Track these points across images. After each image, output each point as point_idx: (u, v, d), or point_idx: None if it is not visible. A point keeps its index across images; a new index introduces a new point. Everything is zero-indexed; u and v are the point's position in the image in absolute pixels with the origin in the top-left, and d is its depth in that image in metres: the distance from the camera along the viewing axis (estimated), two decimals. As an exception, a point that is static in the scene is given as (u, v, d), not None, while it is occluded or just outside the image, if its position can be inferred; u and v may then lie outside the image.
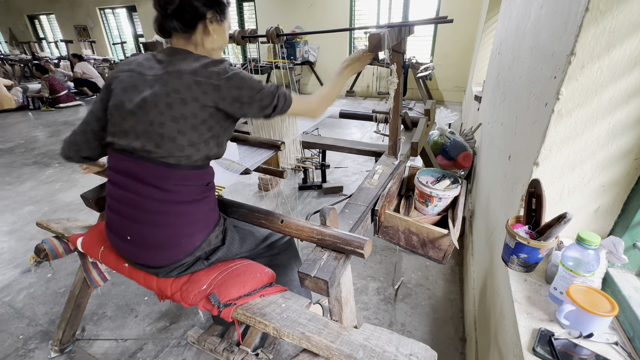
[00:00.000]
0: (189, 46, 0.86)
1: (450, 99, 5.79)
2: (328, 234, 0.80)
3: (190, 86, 0.78)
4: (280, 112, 0.87)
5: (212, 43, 0.89)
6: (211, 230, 0.87)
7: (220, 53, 0.95)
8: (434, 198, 1.05)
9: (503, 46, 1.88)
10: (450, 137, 2.13)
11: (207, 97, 0.79)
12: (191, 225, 0.84)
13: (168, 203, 0.82)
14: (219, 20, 0.87)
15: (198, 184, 0.84)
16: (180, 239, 0.83)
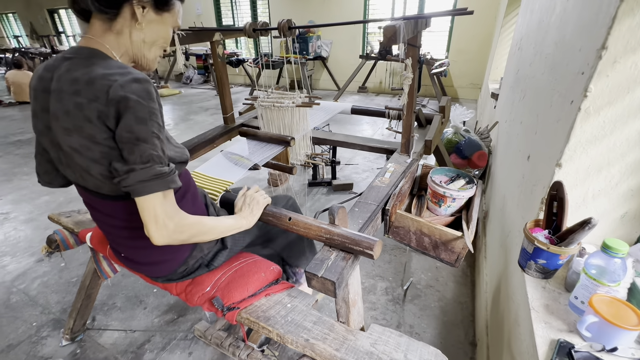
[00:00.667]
0: (107, 37, 0.68)
1: (465, 96, 5.66)
2: (336, 233, 0.77)
3: (69, 112, 0.62)
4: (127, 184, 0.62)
5: (142, 34, 0.71)
6: None
7: (155, 55, 0.76)
8: (447, 198, 1.01)
9: (524, 41, 1.80)
10: (464, 136, 2.07)
11: (93, 127, 0.60)
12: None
13: (134, 229, 0.75)
14: (157, 8, 0.71)
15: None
16: (166, 256, 0.81)
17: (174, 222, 0.66)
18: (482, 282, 1.47)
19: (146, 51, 0.75)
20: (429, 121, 1.46)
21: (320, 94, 6.26)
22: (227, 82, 1.59)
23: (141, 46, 0.73)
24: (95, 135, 0.62)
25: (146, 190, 0.62)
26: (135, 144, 0.61)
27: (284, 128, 1.25)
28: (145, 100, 0.62)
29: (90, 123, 0.61)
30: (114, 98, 0.60)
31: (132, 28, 0.70)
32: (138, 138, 0.61)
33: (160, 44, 0.76)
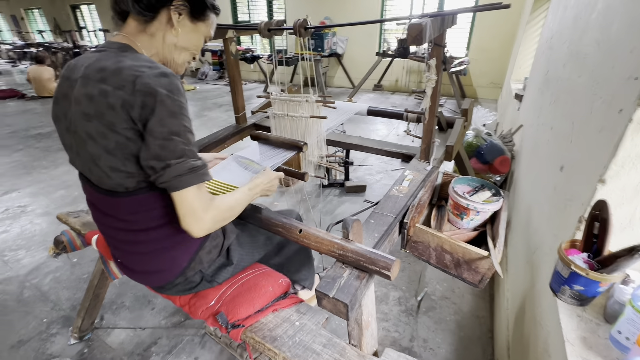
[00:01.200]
0: (140, 37, 0.71)
1: (485, 96, 5.46)
2: (350, 249, 0.71)
3: (93, 97, 0.62)
4: (164, 180, 0.63)
5: (175, 39, 0.74)
6: (197, 248, 0.78)
7: (184, 60, 0.79)
8: (470, 211, 0.94)
9: (555, 40, 1.68)
10: (486, 139, 1.97)
11: (115, 115, 0.61)
12: (166, 251, 0.76)
13: (131, 232, 0.74)
14: (192, 17, 0.74)
15: (160, 206, 0.71)
16: (162, 265, 0.77)
17: (210, 214, 0.68)
18: (503, 298, 1.39)
19: (176, 55, 0.77)
20: (450, 125, 1.37)
21: (334, 92, 6.18)
22: (240, 81, 1.54)
23: (172, 50, 0.76)
24: (115, 123, 0.62)
25: (182, 184, 0.63)
26: (169, 138, 0.62)
27: (297, 130, 1.20)
28: (174, 94, 0.63)
29: (113, 110, 0.62)
30: (141, 89, 0.60)
31: (167, 32, 0.74)
32: (171, 132, 0.62)
33: (191, 50, 0.79)
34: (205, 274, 0.81)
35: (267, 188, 0.86)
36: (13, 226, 2.22)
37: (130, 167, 0.65)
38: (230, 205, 0.73)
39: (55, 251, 1.10)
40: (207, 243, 0.79)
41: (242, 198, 0.77)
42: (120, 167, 0.65)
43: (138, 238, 0.73)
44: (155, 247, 0.74)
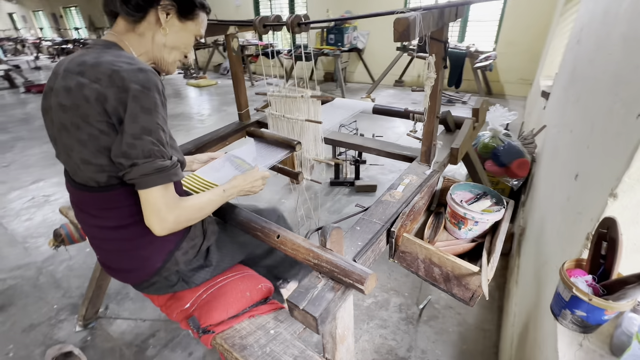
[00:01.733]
0: (129, 36, 0.72)
1: (513, 92, 5.17)
2: (325, 259, 0.67)
3: (70, 90, 0.63)
4: (130, 177, 0.63)
5: (164, 39, 0.74)
6: (173, 248, 0.77)
7: (174, 59, 0.79)
8: (468, 221, 0.87)
9: (584, 33, 1.53)
10: (504, 140, 1.84)
11: (89, 107, 0.61)
12: (139, 249, 0.75)
13: (104, 229, 0.74)
14: (180, 16, 0.74)
15: (130, 204, 0.70)
16: (136, 263, 0.77)
17: (174, 215, 0.67)
18: (511, 312, 1.29)
19: (166, 54, 0.78)
20: (460, 125, 1.28)
21: (353, 87, 6.07)
22: (242, 77, 1.52)
23: (161, 49, 0.76)
24: (89, 115, 0.63)
25: (148, 183, 0.64)
26: (139, 137, 0.62)
27: (292, 130, 1.16)
28: (150, 90, 0.62)
29: (87, 103, 0.62)
30: (116, 83, 0.61)
31: (156, 32, 0.74)
32: (143, 129, 0.62)
33: (181, 49, 0.80)
34: (183, 274, 0.80)
35: (247, 189, 0.85)
36: (36, 214, 2.35)
37: (102, 160, 0.65)
38: (199, 207, 0.72)
39: (55, 243, 1.14)
40: (183, 244, 0.78)
41: (214, 199, 0.76)
42: (92, 159, 0.65)
43: (111, 235, 0.73)
44: (128, 246, 0.74)
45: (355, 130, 2.78)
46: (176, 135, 4.13)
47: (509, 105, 4.68)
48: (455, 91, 5.20)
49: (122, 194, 0.69)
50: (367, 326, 1.43)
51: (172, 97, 5.72)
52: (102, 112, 0.62)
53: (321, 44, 5.91)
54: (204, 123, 4.36)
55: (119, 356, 1.34)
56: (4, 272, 1.82)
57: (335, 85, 6.09)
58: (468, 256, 0.88)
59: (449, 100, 4.81)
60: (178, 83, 6.91)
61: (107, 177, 0.67)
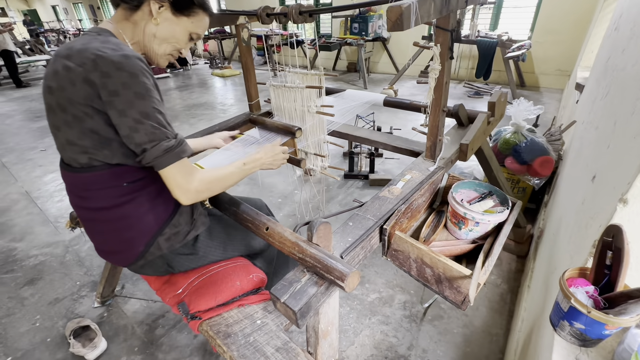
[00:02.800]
0: (124, 24, 0.75)
1: (549, 84, 4.83)
2: (309, 253, 0.67)
3: (57, 72, 0.65)
4: (146, 162, 0.67)
5: (155, 29, 0.75)
6: (155, 233, 0.79)
7: (164, 52, 0.80)
8: (468, 221, 0.82)
9: (623, 19, 1.39)
10: (527, 136, 1.73)
11: (74, 90, 0.63)
12: (121, 232, 0.77)
13: (89, 210, 0.77)
14: (175, 10, 0.75)
15: (112, 186, 0.72)
16: (119, 246, 0.79)
17: (193, 185, 0.72)
18: (519, 317, 1.24)
19: (155, 46, 0.78)
20: (473, 120, 1.22)
21: (377, 78, 5.93)
22: (253, 67, 1.52)
23: (151, 40, 0.77)
24: (73, 98, 0.64)
25: (162, 164, 0.68)
26: (140, 121, 0.64)
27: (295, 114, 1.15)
28: (138, 76, 0.64)
29: (73, 86, 0.64)
30: (101, 68, 0.62)
31: (148, 22, 0.75)
32: (141, 113, 0.64)
33: (172, 43, 0.79)
34: (168, 259, 0.83)
35: (269, 162, 0.89)
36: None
37: (86, 142, 0.68)
38: (218, 177, 0.76)
39: (71, 225, 1.21)
40: (166, 229, 0.80)
41: (234, 172, 0.80)
42: (76, 140, 0.68)
43: (94, 216, 0.77)
44: (110, 227, 0.78)
45: (372, 123, 2.73)
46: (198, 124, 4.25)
47: (543, 98, 4.38)
48: (484, 83, 4.94)
49: (103, 176, 0.71)
50: (369, 321, 1.42)
51: (196, 87, 5.87)
52: (86, 96, 0.64)
53: (345, 33, 5.79)
54: (226, 112, 4.44)
55: (130, 333, 1.43)
56: (36, 248, 1.97)
57: (358, 76, 5.98)
58: (467, 258, 0.84)
59: (477, 93, 4.58)
60: (204, 73, 7.07)
61: (88, 158, 0.70)
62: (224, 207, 0.88)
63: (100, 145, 0.68)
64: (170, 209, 0.80)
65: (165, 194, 0.76)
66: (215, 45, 7.56)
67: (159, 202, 0.78)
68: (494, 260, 0.72)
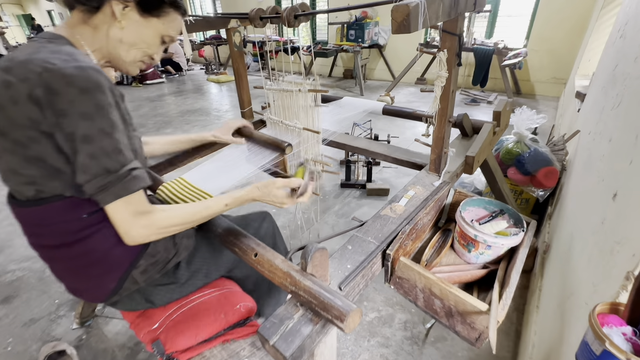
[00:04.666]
0: (82, 29, 0.64)
1: (545, 92, 4.83)
2: (303, 286, 0.58)
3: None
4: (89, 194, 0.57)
5: (120, 34, 0.65)
6: (128, 267, 0.69)
7: (133, 59, 0.70)
8: (479, 244, 0.75)
9: (630, 26, 1.34)
10: (530, 146, 1.67)
11: (17, 110, 0.53)
12: (86, 269, 0.67)
13: (48, 249, 0.67)
14: (142, 10, 0.66)
15: (69, 220, 0.62)
16: (86, 284, 0.70)
17: (142, 227, 0.61)
18: (529, 341, 1.15)
19: (123, 52, 0.69)
20: (478, 130, 1.15)
21: (373, 85, 5.90)
22: (245, 73, 1.45)
23: (117, 46, 0.68)
24: (16, 118, 0.54)
25: (105, 199, 0.58)
26: (80, 147, 0.55)
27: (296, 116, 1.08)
28: (89, 92, 0.54)
29: (15, 105, 0.54)
30: (48, 84, 0.52)
31: (111, 25, 0.66)
32: (84, 137, 0.54)
33: (141, 47, 0.70)
34: (146, 293, 0.73)
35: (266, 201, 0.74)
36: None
37: (32, 171, 0.57)
38: (182, 221, 0.65)
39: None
40: (141, 261, 0.70)
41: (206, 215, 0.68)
42: (19, 169, 0.58)
43: (54, 255, 0.67)
44: (74, 265, 0.68)
45: (369, 131, 2.66)
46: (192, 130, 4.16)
47: (539, 106, 4.37)
48: (480, 90, 4.93)
49: (57, 209, 0.61)
50: (368, 344, 1.33)
51: (191, 93, 5.79)
52: (30, 117, 0.53)
53: (341, 40, 5.77)
54: (220, 119, 4.36)
55: (110, 358, 1.32)
56: (15, 262, 1.86)
57: (354, 83, 5.94)
58: (478, 285, 0.76)
59: (474, 100, 4.56)
60: (199, 78, 7.00)
61: (35, 191, 0.59)
62: (204, 226, 0.79)
63: (49, 176, 0.58)
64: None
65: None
66: (211, 51, 7.51)
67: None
68: (511, 292, 0.64)
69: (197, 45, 8.02)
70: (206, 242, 0.84)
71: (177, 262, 0.75)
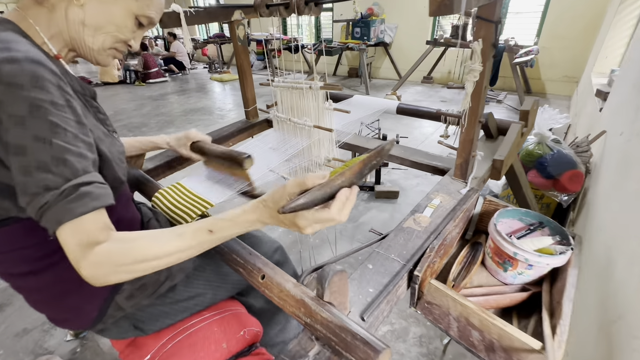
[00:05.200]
0: (34, 11, 0.53)
1: (556, 91, 4.70)
2: (320, 319, 0.49)
3: None
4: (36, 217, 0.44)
5: (81, 14, 0.53)
6: (109, 293, 0.60)
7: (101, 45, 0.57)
8: (519, 263, 0.65)
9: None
10: (552, 147, 1.56)
11: None
12: (61, 298, 0.58)
13: (15, 277, 0.57)
14: None
15: (32, 244, 0.52)
16: (67, 313, 0.61)
17: (83, 264, 0.44)
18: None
19: (87, 37, 0.56)
20: (503, 131, 1.05)
21: (379, 84, 5.79)
22: (249, 70, 1.36)
23: (79, 30, 0.55)
24: None
25: (48, 225, 0.44)
26: (13, 160, 0.43)
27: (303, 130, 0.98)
28: (21, 89, 0.42)
29: None
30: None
31: (69, 4, 0.54)
32: (17, 147, 0.43)
33: (110, 31, 0.57)
34: (135, 320, 0.64)
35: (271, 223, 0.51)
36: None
37: None
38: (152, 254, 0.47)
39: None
40: (125, 286, 0.61)
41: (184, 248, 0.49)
42: None
43: (21, 284, 0.58)
44: (48, 295, 0.59)
45: (377, 131, 2.56)
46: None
47: (551, 105, 4.24)
48: (489, 89, 4.80)
49: (14, 232, 0.51)
50: (381, 361, 1.24)
51: (194, 92, 5.71)
52: None
53: (346, 38, 5.67)
54: (224, 118, 4.28)
55: (105, 374, 1.24)
56: (9, 268, 1.78)
57: (360, 81, 5.84)
58: (517, 310, 0.66)
59: (483, 99, 4.44)
60: (203, 77, 6.94)
61: None
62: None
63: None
64: None
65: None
66: (214, 49, 7.44)
67: None
68: (566, 325, 0.54)
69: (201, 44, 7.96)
70: (209, 260, 0.74)
71: (170, 285, 0.66)
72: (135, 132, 3.91)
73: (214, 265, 0.73)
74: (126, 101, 5.28)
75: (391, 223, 2.03)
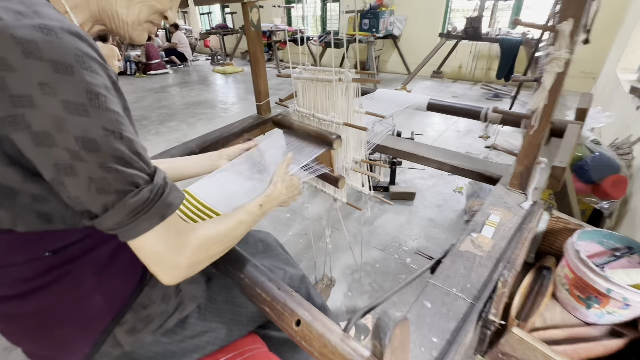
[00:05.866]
0: None
1: (573, 87, 4.52)
2: (384, 393, 0.36)
3: None
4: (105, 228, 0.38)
5: None
6: (107, 325, 0.48)
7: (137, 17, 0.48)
8: (610, 300, 0.52)
9: None
10: (593, 150, 1.43)
11: None
12: (52, 327, 0.47)
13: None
14: None
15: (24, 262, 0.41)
16: (52, 348, 0.49)
17: (185, 258, 0.44)
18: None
19: (121, 8, 0.46)
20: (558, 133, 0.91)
21: (386, 78, 5.62)
22: (263, 59, 1.22)
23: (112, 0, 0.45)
24: None
25: (131, 233, 0.40)
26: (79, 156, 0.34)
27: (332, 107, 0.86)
28: (73, 68, 0.33)
29: None
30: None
31: None
32: (82, 141, 0.34)
33: (148, 1, 0.48)
34: (133, 358, 0.52)
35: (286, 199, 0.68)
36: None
37: None
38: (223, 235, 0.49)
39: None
40: (127, 315, 0.49)
41: (244, 220, 0.54)
42: None
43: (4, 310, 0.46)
44: (32, 324, 0.47)
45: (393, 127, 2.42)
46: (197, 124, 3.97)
47: (568, 102, 4.07)
48: (502, 84, 4.64)
49: (3, 248, 0.41)
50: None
51: (196, 84, 5.56)
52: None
53: (354, 30, 5.48)
54: (227, 112, 4.14)
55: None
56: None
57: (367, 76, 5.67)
58: (608, 360, 0.53)
59: (496, 95, 4.29)
60: (205, 69, 6.77)
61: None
62: (224, 266, 0.57)
63: None
64: (135, 278, 0.50)
65: (124, 256, 0.46)
66: (216, 40, 7.25)
67: (112, 271, 0.47)
68: None
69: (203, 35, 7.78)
70: (224, 289, 0.62)
71: (180, 317, 0.54)
72: (136, 125, 3.77)
73: (226, 295, 0.61)
74: (127, 93, 5.05)
75: (409, 228, 1.90)
